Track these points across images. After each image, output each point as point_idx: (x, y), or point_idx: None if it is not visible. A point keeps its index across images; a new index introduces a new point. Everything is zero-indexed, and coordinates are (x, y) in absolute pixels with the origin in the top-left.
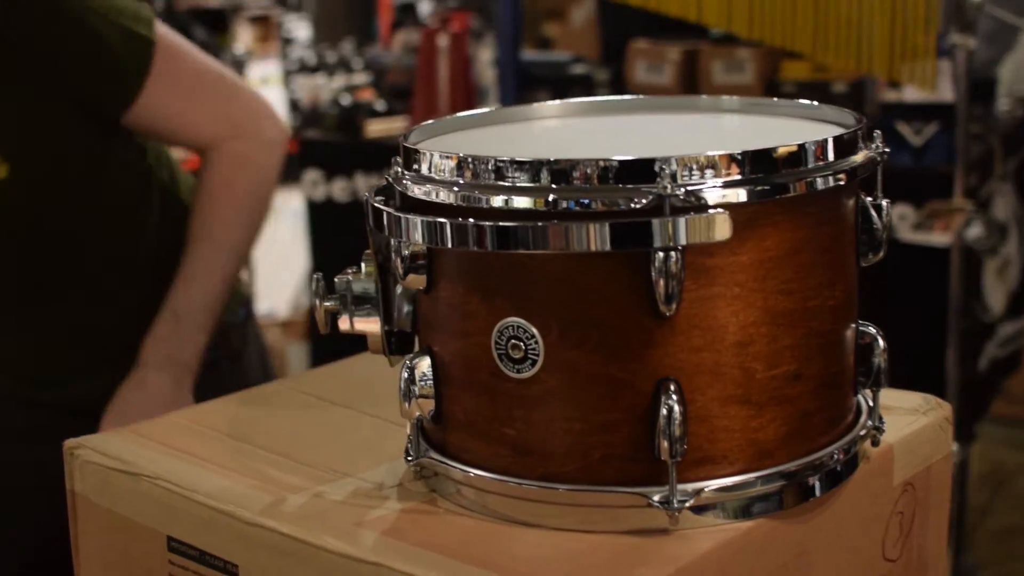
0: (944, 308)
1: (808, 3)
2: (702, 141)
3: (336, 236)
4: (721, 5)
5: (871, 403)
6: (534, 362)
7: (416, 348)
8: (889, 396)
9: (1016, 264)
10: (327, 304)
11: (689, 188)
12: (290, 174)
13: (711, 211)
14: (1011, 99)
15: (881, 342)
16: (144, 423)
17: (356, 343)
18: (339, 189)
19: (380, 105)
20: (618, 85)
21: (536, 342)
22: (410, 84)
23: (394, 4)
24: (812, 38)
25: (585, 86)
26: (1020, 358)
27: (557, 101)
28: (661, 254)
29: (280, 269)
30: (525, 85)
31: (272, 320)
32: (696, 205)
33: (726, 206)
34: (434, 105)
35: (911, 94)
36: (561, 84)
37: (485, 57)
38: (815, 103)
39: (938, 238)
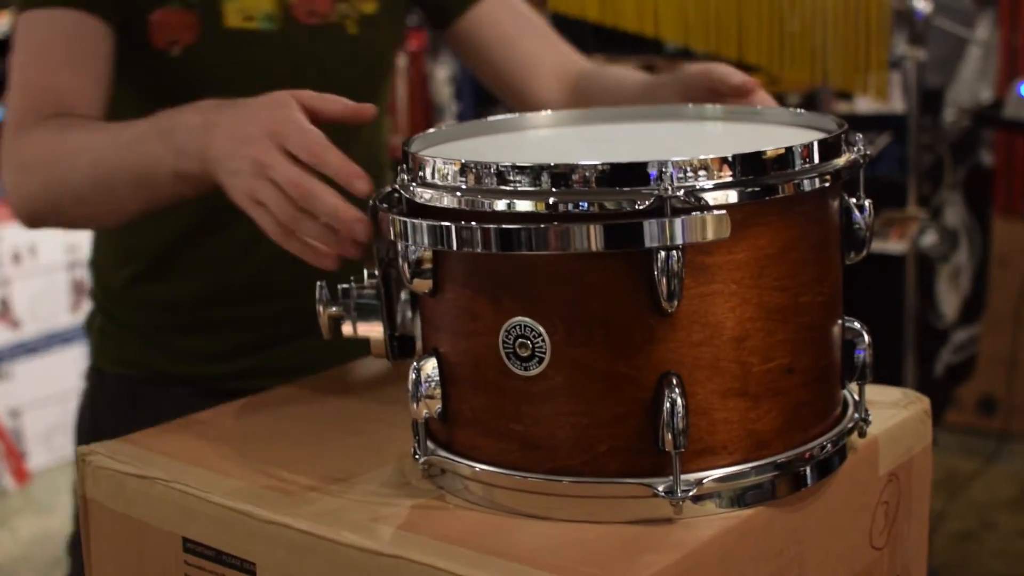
0: (900, 315)
1: (763, 17)
2: (691, 146)
3: None
4: (678, 20)
5: (856, 396)
6: (541, 360)
7: (418, 351)
8: (870, 391)
9: (967, 271)
10: (331, 311)
11: (689, 189)
12: None
13: (710, 211)
14: (956, 109)
15: (866, 337)
16: (148, 432)
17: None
18: None
19: None
20: None
21: (543, 340)
22: None
23: None
24: (768, 51)
25: None
26: (973, 364)
27: (547, 111)
28: (663, 253)
29: None
30: (482, 102)
31: None
32: (696, 206)
33: (721, 207)
34: (392, 123)
35: (863, 106)
36: None
37: (442, 75)
38: (799, 110)
39: (894, 246)
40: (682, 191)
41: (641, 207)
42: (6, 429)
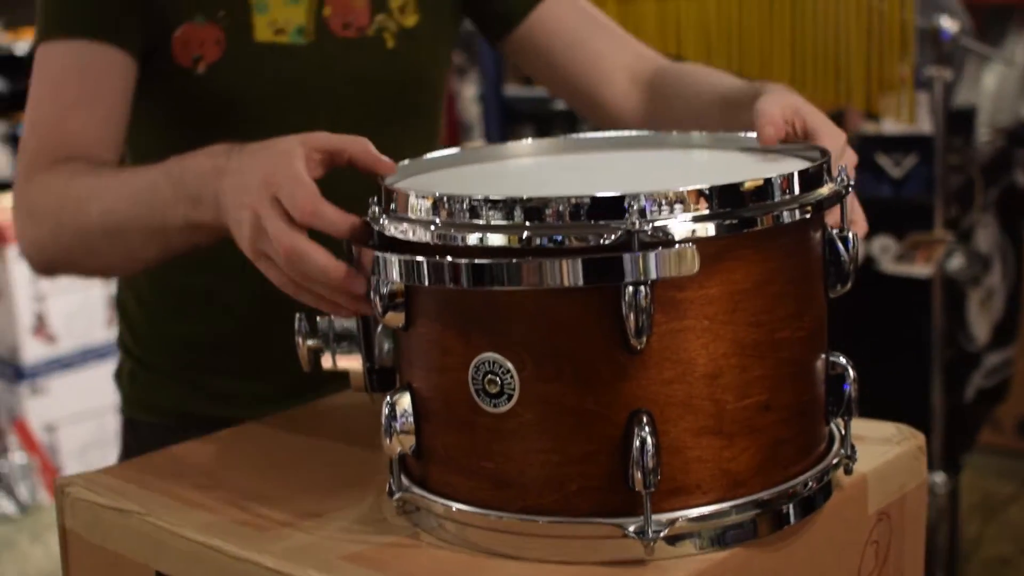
0: (928, 339)
1: (786, 36)
2: (672, 176)
3: None
4: (700, 39)
5: (843, 432)
6: (510, 396)
7: (397, 384)
8: (862, 426)
9: (1000, 294)
10: (310, 343)
11: (657, 223)
12: None
13: (679, 245)
14: (991, 130)
15: (851, 372)
16: (126, 464)
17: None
18: None
19: None
20: None
21: (511, 377)
22: None
23: None
24: (790, 71)
25: (568, 121)
26: (1007, 388)
27: (530, 140)
28: (631, 288)
29: None
30: (509, 120)
31: None
32: (664, 240)
33: (695, 240)
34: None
35: (890, 126)
36: (544, 119)
37: (469, 93)
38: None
39: (920, 269)
40: (651, 225)
41: (607, 241)
42: (41, 444)
